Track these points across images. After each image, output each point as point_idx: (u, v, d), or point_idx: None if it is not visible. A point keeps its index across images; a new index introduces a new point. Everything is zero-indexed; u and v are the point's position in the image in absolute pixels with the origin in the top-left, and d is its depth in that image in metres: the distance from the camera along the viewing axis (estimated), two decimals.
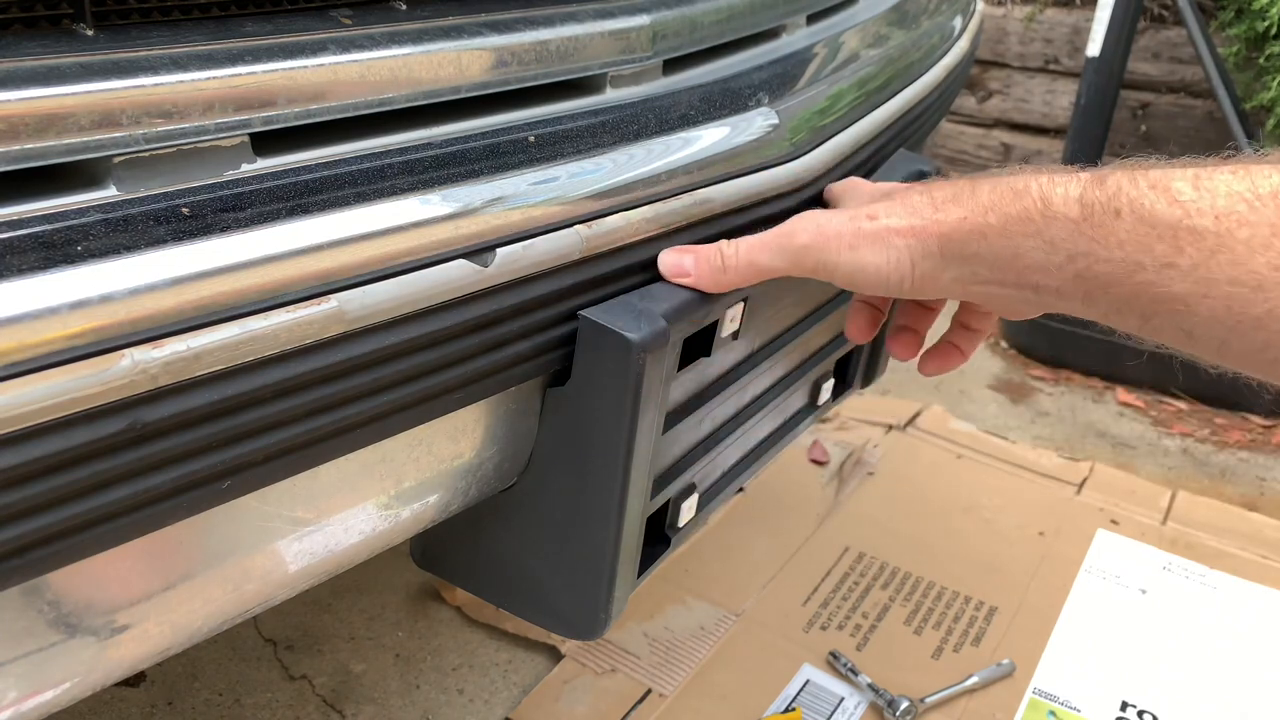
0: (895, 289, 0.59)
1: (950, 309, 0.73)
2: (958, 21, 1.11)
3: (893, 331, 0.72)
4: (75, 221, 0.40)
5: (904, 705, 1.18)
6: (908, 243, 0.57)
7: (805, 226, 0.60)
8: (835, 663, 1.25)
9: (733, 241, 0.62)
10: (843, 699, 1.21)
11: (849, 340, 0.75)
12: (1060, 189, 0.52)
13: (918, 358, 0.72)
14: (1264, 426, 1.97)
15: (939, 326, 0.74)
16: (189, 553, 0.48)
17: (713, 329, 0.66)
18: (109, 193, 0.42)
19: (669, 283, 0.61)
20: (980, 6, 1.24)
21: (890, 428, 1.76)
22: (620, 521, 0.62)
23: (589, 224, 0.56)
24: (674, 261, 0.61)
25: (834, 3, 0.91)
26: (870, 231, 0.58)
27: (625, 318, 0.57)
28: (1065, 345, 2.13)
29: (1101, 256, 0.50)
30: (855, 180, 0.72)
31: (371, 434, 0.50)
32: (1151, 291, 0.49)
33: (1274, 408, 1.99)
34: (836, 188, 0.72)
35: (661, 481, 0.68)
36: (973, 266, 0.56)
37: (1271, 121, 2.23)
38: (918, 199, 0.58)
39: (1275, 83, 2.24)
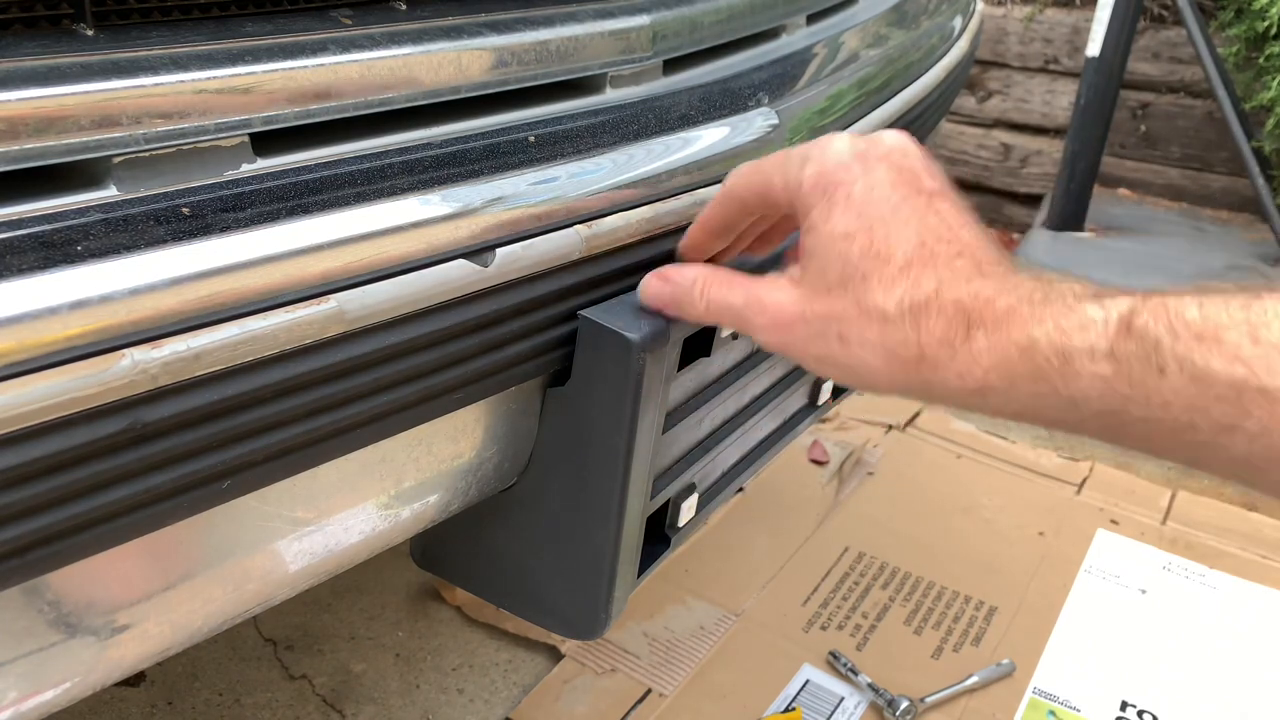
0: (857, 384, 0.53)
1: None
2: (957, 21, 1.11)
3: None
4: (75, 221, 0.40)
5: (904, 705, 1.18)
6: (896, 384, 0.50)
7: (761, 312, 0.53)
8: (835, 663, 1.25)
9: (705, 279, 0.56)
10: (843, 699, 1.21)
11: (679, 252, 0.63)
12: (1079, 339, 0.44)
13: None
14: None
15: None
16: (189, 553, 0.48)
17: (713, 329, 0.66)
18: (109, 193, 0.42)
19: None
20: (980, 6, 1.24)
21: (890, 428, 1.76)
22: (620, 521, 0.62)
23: (589, 224, 0.56)
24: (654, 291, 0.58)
25: (834, 3, 0.91)
26: (839, 352, 0.51)
27: (625, 318, 0.57)
28: None
29: (1138, 415, 0.43)
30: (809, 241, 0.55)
31: (371, 434, 0.51)
32: (1206, 452, 0.43)
33: None
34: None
35: (661, 481, 0.68)
36: (980, 403, 0.49)
37: (1271, 121, 2.23)
38: (896, 336, 0.49)
39: (1275, 83, 2.24)
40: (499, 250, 0.52)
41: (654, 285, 0.58)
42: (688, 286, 0.57)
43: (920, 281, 0.49)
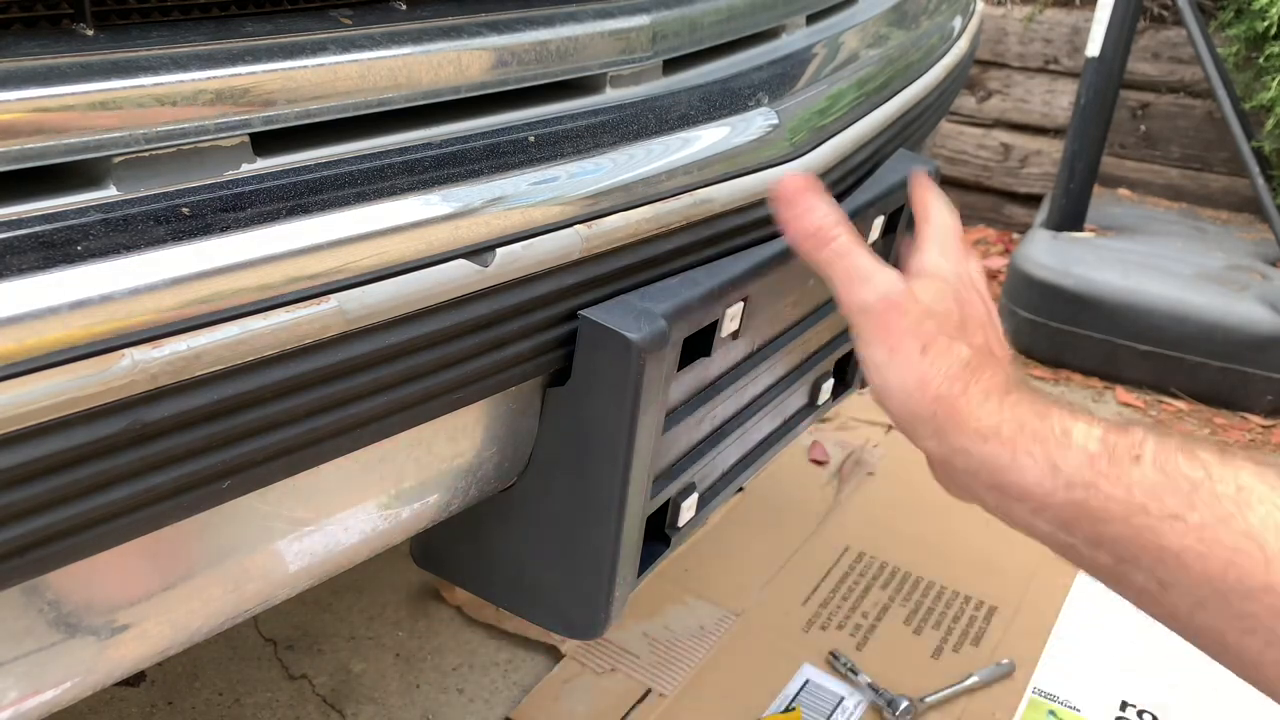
0: (877, 391, 0.60)
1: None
2: (957, 21, 1.11)
3: None
4: (75, 221, 0.40)
5: (904, 705, 1.18)
6: (923, 407, 0.57)
7: (883, 300, 0.59)
8: (835, 662, 1.25)
9: (847, 227, 0.61)
10: (843, 699, 1.21)
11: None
12: (1082, 425, 0.54)
13: None
14: (1264, 426, 1.97)
15: None
16: (189, 552, 0.48)
17: (713, 329, 0.66)
18: (109, 192, 0.42)
19: (673, 280, 0.61)
20: (980, 6, 1.24)
21: (890, 428, 1.76)
22: (620, 521, 0.62)
23: (589, 224, 0.56)
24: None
25: (834, 3, 0.91)
26: (915, 369, 0.58)
27: (625, 318, 0.57)
28: (1065, 345, 2.13)
29: (1105, 492, 0.51)
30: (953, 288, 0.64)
31: (371, 434, 0.51)
32: (1145, 537, 0.50)
33: (1274, 408, 1.99)
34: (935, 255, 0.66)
35: (661, 481, 0.68)
36: (963, 457, 0.57)
37: (1271, 121, 2.23)
38: (958, 387, 0.57)
39: (1275, 83, 2.24)
40: (499, 250, 0.52)
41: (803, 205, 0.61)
42: (831, 225, 0.61)
43: (985, 355, 0.59)
